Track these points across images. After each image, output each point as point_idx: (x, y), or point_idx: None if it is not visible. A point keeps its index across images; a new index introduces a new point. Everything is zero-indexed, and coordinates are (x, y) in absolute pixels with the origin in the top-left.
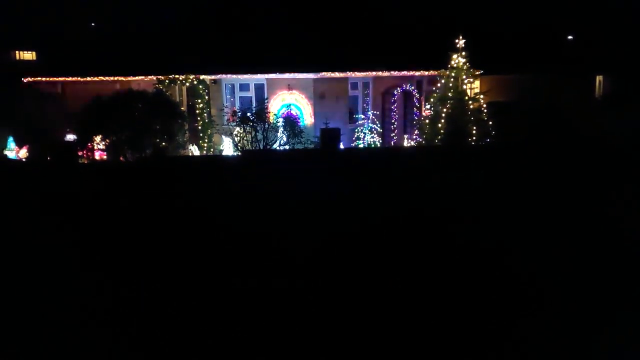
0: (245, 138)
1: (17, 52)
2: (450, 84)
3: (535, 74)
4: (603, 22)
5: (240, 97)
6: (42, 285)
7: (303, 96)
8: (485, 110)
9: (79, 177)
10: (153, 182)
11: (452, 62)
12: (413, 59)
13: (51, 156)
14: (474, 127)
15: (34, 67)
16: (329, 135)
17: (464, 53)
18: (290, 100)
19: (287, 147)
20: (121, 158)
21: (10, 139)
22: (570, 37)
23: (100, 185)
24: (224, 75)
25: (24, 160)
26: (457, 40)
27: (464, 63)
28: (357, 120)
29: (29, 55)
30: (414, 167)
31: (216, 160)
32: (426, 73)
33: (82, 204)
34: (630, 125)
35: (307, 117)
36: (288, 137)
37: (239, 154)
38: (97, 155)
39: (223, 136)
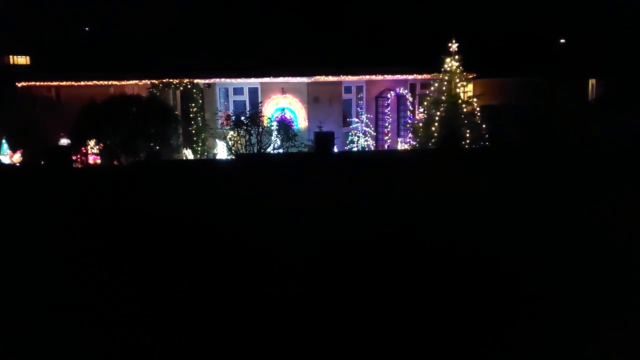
0: (239, 142)
1: (10, 56)
2: (444, 88)
3: (528, 77)
4: (596, 26)
5: (234, 101)
6: (35, 289)
7: (297, 100)
8: (478, 114)
9: (73, 182)
10: (146, 185)
11: (446, 66)
12: (407, 63)
13: (45, 161)
14: (468, 131)
15: (27, 71)
16: (323, 139)
17: (457, 57)
18: (284, 104)
19: (281, 150)
20: (115, 162)
21: (4, 143)
22: (563, 41)
23: (94, 189)
24: (217, 79)
25: (17, 164)
26: (450, 44)
27: (457, 66)
28: (351, 123)
29: (22, 60)
30: (407, 170)
31: (210, 163)
32: (420, 77)
33: (75, 208)
34: (622, 128)
35: (300, 120)
36: (282, 140)
37: (233, 157)
38: (91, 160)
39: (217, 140)
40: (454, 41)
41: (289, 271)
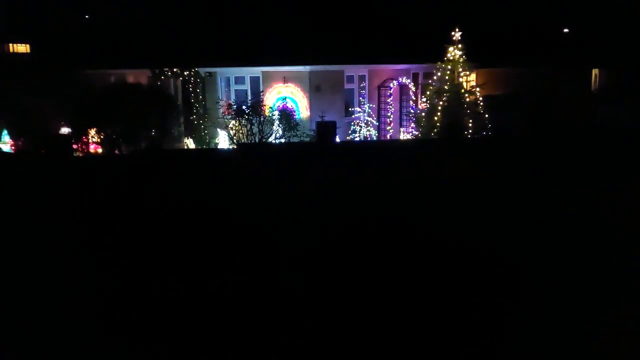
0: (240, 131)
1: (10, 44)
2: (447, 77)
3: (531, 67)
4: (599, 15)
5: (235, 90)
6: (38, 282)
7: (299, 89)
8: (481, 103)
9: (74, 171)
10: (147, 175)
11: (449, 55)
12: (409, 52)
13: (46, 149)
14: (470, 120)
15: (27, 59)
16: (325, 129)
17: (460, 45)
18: (286, 93)
19: (282, 140)
20: (116, 151)
21: (5, 131)
22: (566, 31)
23: (95, 178)
24: (219, 68)
25: (18, 153)
26: (453, 33)
27: (461, 56)
28: (353, 113)
29: (22, 48)
30: (409, 160)
31: (211, 153)
32: (422, 66)
33: (76, 197)
34: (625, 118)
35: (302, 110)
36: (284, 130)
37: (235, 147)
38: (92, 149)
39: (218, 129)
40: (457, 30)
41: (287, 261)
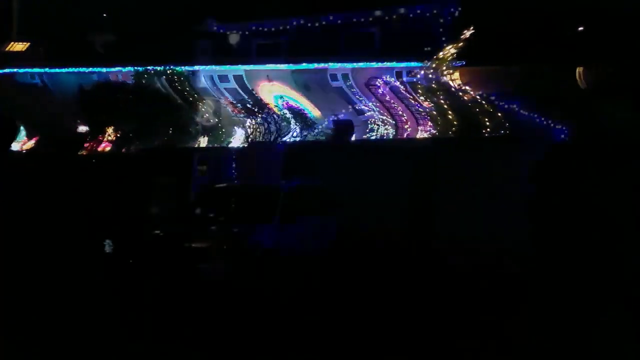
0: (257, 130)
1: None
2: (443, 74)
3: (522, 65)
4: (596, 13)
5: (225, 88)
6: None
7: (287, 88)
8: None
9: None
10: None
11: (439, 53)
12: (394, 50)
13: (57, 148)
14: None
15: (11, 58)
16: (343, 127)
17: (445, 44)
18: (279, 91)
19: (299, 138)
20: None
21: (22, 131)
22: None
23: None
24: (201, 67)
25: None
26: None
27: (445, 54)
28: (363, 112)
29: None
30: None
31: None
32: (406, 64)
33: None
34: (622, 116)
35: (312, 109)
36: (301, 129)
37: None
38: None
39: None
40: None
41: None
